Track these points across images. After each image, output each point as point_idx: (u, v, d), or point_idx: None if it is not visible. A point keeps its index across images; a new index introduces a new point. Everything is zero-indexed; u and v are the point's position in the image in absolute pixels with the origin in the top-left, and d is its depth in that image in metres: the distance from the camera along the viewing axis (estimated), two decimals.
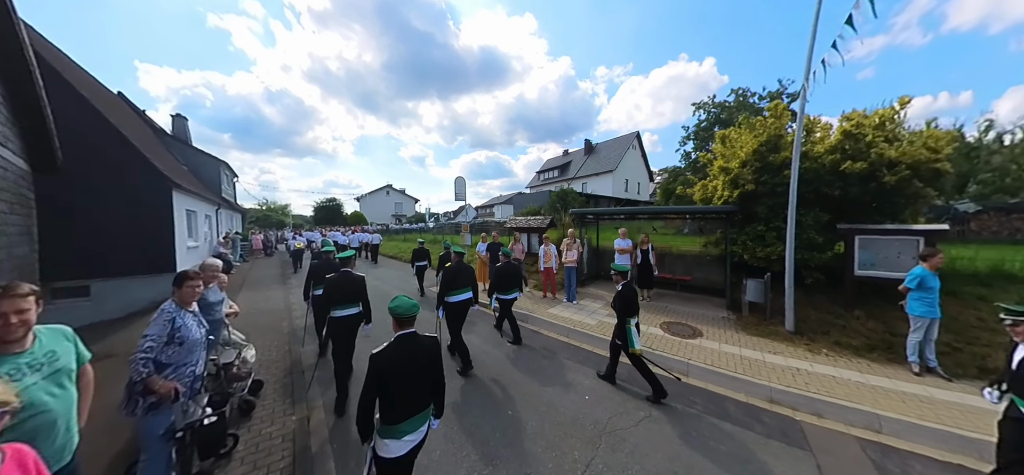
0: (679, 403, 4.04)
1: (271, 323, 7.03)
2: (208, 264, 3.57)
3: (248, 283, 11.29)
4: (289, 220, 39.47)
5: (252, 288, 10.54)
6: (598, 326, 6.56)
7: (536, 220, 11.67)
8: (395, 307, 2.26)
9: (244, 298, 9.02)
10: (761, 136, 7.75)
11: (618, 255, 8.49)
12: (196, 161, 17.63)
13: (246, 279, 12.00)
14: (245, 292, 9.89)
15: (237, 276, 12.41)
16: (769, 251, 6.90)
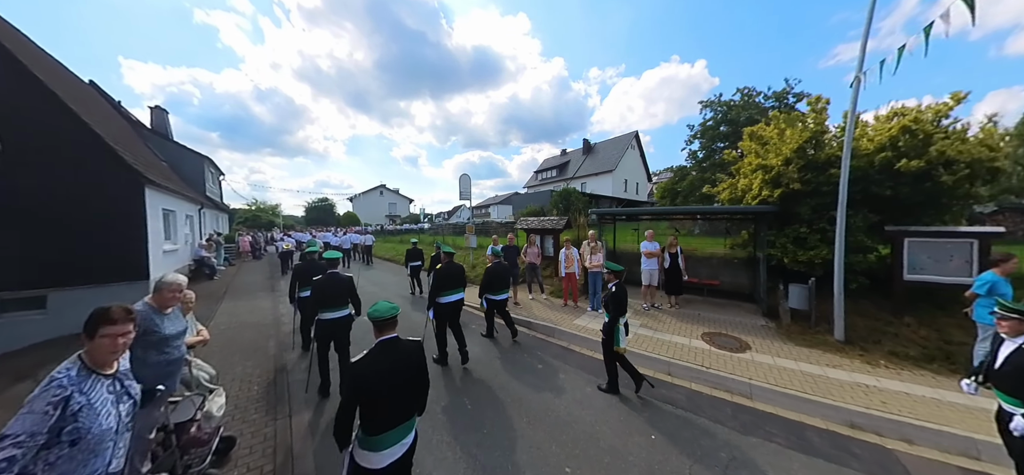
0: (756, 435, 3.53)
1: (255, 340, 6.04)
2: (165, 282, 2.64)
3: (232, 291, 10.24)
4: (279, 220, 38.05)
5: (236, 297, 9.50)
6: (635, 340, 5.73)
7: (550, 221, 10.80)
8: (373, 312, 2.14)
9: (226, 310, 8.02)
10: (804, 132, 7.13)
11: (645, 259, 7.66)
12: (178, 157, 16.43)
13: (230, 286, 10.93)
14: (228, 302, 8.86)
15: (219, 283, 11.32)
16: (812, 254, 6.45)
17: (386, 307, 2.17)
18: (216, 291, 10.03)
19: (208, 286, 10.76)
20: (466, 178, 12.43)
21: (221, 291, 10.06)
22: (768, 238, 7.08)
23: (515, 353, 5.51)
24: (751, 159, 8.44)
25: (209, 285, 10.91)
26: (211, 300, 9.00)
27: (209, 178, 18.77)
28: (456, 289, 4.92)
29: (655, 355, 5.21)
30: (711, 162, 23.00)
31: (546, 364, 5.12)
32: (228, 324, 6.87)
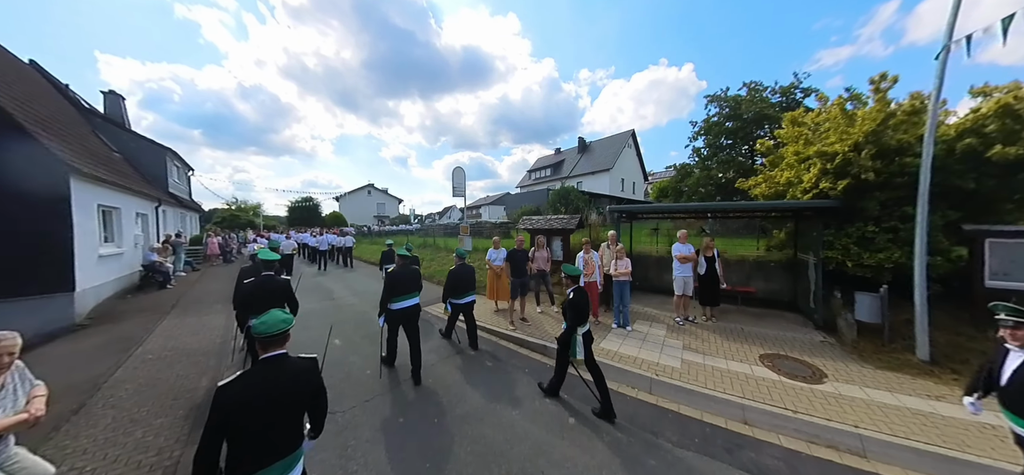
0: None
1: (184, 378, 4.50)
2: None
3: (184, 303, 8.62)
4: (260, 221, 35.89)
5: (185, 311, 7.91)
6: (686, 370, 4.56)
7: (560, 220, 9.49)
8: (259, 326, 1.78)
9: (164, 331, 6.45)
10: (879, 112, 6.06)
11: (678, 264, 6.48)
12: (135, 148, 14.61)
13: (183, 297, 9.29)
14: (172, 318, 7.28)
15: (171, 294, 9.67)
16: (881, 257, 5.63)
17: (276, 320, 1.83)
18: (162, 304, 8.41)
19: (156, 297, 9.11)
20: (460, 172, 11.08)
21: (169, 304, 8.43)
22: (827, 238, 6.14)
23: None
24: (795, 148, 7.49)
25: (158, 296, 9.26)
26: (151, 316, 7.41)
27: (173, 173, 16.92)
28: (409, 294, 4.49)
29: (722, 393, 4.05)
30: (719, 159, 22.26)
31: (581, 415, 3.80)
32: (159, 352, 5.35)
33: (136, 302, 8.60)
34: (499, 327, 6.39)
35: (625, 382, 4.48)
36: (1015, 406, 2.07)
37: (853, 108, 7.05)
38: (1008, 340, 2.16)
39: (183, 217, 18.31)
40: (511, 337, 6.05)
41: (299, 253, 18.27)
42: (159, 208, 12.96)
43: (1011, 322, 2.11)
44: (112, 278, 9.05)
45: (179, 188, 17.76)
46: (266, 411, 1.69)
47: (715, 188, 21.69)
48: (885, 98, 6.46)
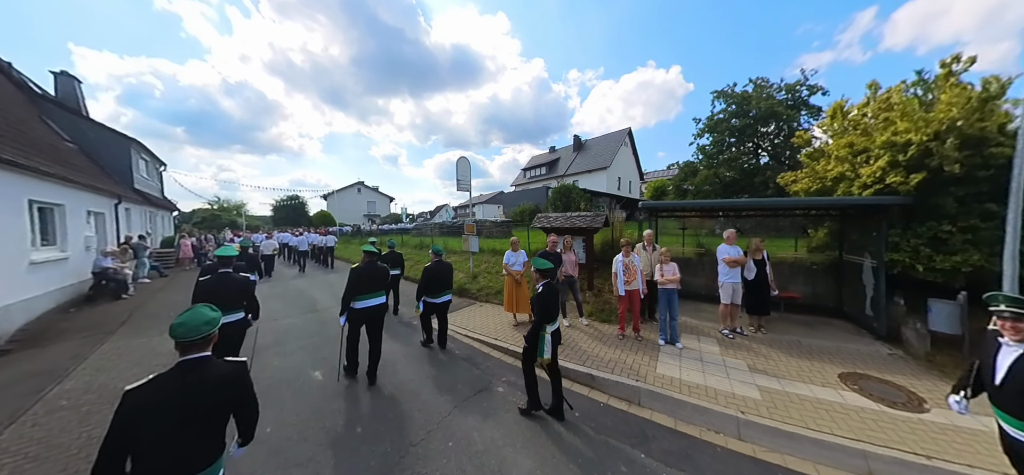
0: None
1: (92, 445, 3.15)
2: None
3: (137, 319, 7.15)
4: (243, 220, 33.85)
5: (135, 330, 6.47)
6: (769, 402, 3.73)
7: (582, 217, 8.33)
8: (175, 325, 1.58)
9: (99, 361, 5.04)
10: (961, 100, 5.36)
11: (725, 268, 5.58)
12: (94, 139, 12.89)
13: (139, 309, 7.81)
14: (117, 341, 5.85)
15: (126, 305, 8.17)
16: (957, 260, 5.08)
17: (199, 320, 1.60)
18: (111, 320, 6.94)
19: (107, 311, 7.61)
20: (465, 162, 9.85)
21: (119, 319, 6.96)
22: (892, 240, 5.62)
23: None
24: (849, 139, 6.77)
25: (109, 310, 7.75)
26: (92, 337, 5.98)
27: (140, 167, 15.18)
28: (374, 292, 4.25)
29: (831, 436, 3.17)
30: (725, 156, 21.60)
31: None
32: (79, 395, 3.98)
33: (80, 318, 7.11)
34: (515, 343, 5.28)
35: (706, 423, 3.50)
36: (1011, 407, 1.86)
37: (915, 94, 6.45)
38: (1006, 334, 1.92)
39: (152, 217, 16.56)
40: (564, 370, 4.91)
41: (281, 255, 16.90)
42: (119, 206, 11.34)
43: (1010, 314, 1.88)
44: (52, 288, 7.54)
45: (148, 184, 16.00)
46: (178, 421, 1.48)
47: (722, 187, 21.03)
48: (959, 83, 5.62)
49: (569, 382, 4.42)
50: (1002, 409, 1.90)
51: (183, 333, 1.56)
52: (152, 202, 15.82)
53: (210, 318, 1.64)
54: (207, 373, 1.59)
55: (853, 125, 7.26)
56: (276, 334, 6.13)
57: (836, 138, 7.38)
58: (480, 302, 8.30)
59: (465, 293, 8.99)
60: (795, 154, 22.02)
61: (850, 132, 7.07)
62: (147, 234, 14.91)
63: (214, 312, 1.68)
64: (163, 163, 18.17)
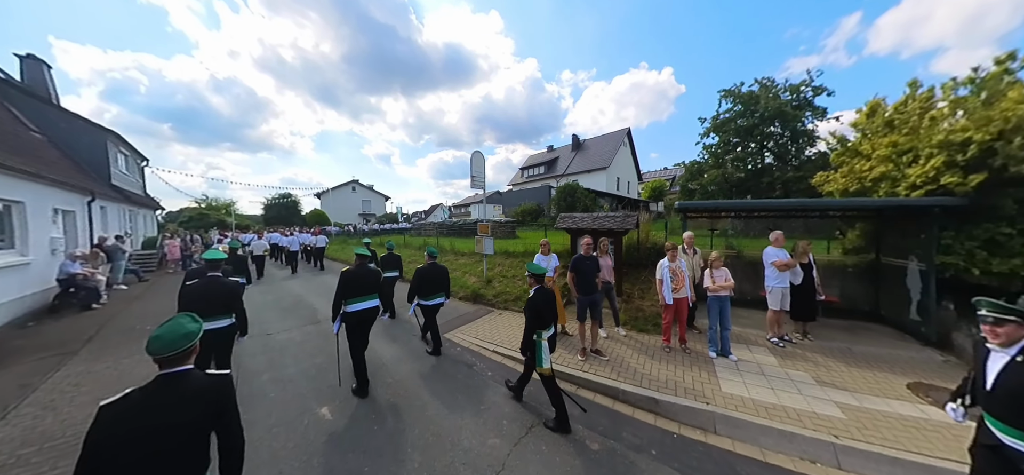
0: None
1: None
2: None
3: (106, 335, 6.13)
4: (232, 219, 32.37)
5: (101, 350, 5.47)
6: (855, 422, 3.36)
7: (612, 219, 7.59)
8: (152, 338, 1.48)
9: (50, 391, 4.07)
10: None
11: (774, 273, 5.16)
12: (66, 130, 11.70)
13: (108, 324, 6.75)
14: (76, 365, 4.85)
15: (95, 319, 7.10)
16: (1016, 263, 4.85)
17: (177, 334, 1.50)
18: (75, 336, 5.91)
19: (72, 325, 6.57)
20: (479, 157, 9.01)
21: (85, 335, 5.94)
22: (945, 242, 5.45)
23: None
24: (891, 139, 6.68)
25: (74, 323, 6.71)
26: (47, 358, 4.99)
27: (119, 161, 13.96)
28: (367, 295, 4.09)
29: (942, 460, 2.87)
30: (733, 156, 21.16)
31: None
32: (18, 445, 3.05)
33: (40, 333, 6.08)
34: (560, 363, 4.61)
35: (798, 451, 3.07)
36: (1001, 413, 1.82)
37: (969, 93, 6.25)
38: (990, 338, 1.93)
39: (133, 215, 15.31)
40: (569, 375, 4.36)
41: (273, 256, 15.85)
42: (93, 203, 10.20)
43: (991, 318, 1.89)
44: (8, 299, 6.51)
45: (127, 181, 14.76)
46: (156, 439, 1.37)
47: (730, 186, 20.64)
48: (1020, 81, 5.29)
49: (629, 407, 3.79)
50: (993, 415, 1.88)
51: (159, 347, 1.47)
52: (132, 200, 14.58)
53: (190, 330, 1.54)
54: (187, 386, 1.50)
55: (900, 124, 6.93)
56: (270, 353, 5.20)
57: (874, 137, 7.24)
58: (498, 310, 7.52)
59: (480, 299, 8.16)
60: (801, 153, 21.88)
61: (892, 131, 6.92)
62: (127, 234, 13.72)
63: (195, 323, 1.59)
64: (145, 158, 16.87)
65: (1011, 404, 1.79)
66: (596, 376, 4.26)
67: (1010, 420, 1.79)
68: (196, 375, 1.54)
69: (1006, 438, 1.80)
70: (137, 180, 16.40)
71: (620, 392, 3.98)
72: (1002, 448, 1.82)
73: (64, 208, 8.99)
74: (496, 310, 7.52)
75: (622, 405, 3.84)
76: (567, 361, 4.70)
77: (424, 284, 5.09)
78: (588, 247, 5.35)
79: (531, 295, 3.46)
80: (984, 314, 1.93)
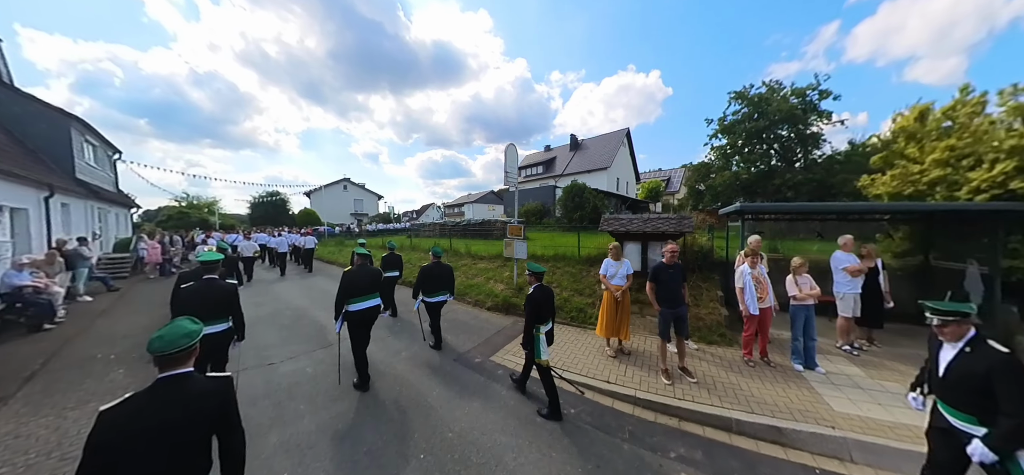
0: None
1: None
2: None
3: (55, 370, 4.69)
4: (216, 219, 30.18)
5: (44, 393, 4.07)
6: None
7: (667, 221, 6.66)
8: (153, 338, 1.47)
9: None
10: None
11: (845, 278, 4.95)
12: (20, 114, 9.95)
13: (62, 349, 5.29)
14: (6, 418, 3.49)
15: (44, 344, 5.61)
16: None
17: (178, 333, 1.49)
18: (14, 369, 4.43)
19: (11, 354, 5.03)
20: (513, 151, 7.94)
21: (27, 369, 4.47)
22: (1012, 246, 5.59)
23: None
24: (947, 144, 6.70)
25: (17, 350, 5.17)
26: None
27: (85, 152, 12.20)
28: (368, 295, 4.09)
29: None
30: (743, 156, 20.61)
31: None
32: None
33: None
34: (632, 385, 4.07)
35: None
36: (950, 398, 2.03)
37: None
38: (941, 337, 2.12)
39: (103, 214, 13.49)
40: (662, 404, 3.71)
41: (262, 259, 14.57)
42: (51, 199, 8.56)
43: (936, 320, 2.10)
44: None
45: (96, 175, 12.98)
46: (158, 443, 1.36)
47: (741, 187, 20.23)
48: None
49: (747, 439, 3.26)
50: (945, 401, 2.06)
51: (160, 347, 1.45)
52: (102, 196, 12.80)
53: (190, 330, 1.53)
54: (187, 389, 1.48)
55: (960, 129, 6.98)
56: (276, 395, 3.93)
57: (924, 141, 7.40)
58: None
59: (513, 309, 7.05)
60: (808, 155, 21.53)
61: (947, 136, 7.06)
62: (95, 236, 11.99)
63: (195, 324, 1.57)
64: (117, 150, 14.97)
65: (960, 390, 1.96)
66: (696, 404, 3.64)
67: (959, 405, 1.97)
68: (197, 378, 1.52)
69: (956, 421, 1.97)
70: (108, 174, 14.55)
71: (734, 422, 3.38)
72: (953, 431, 1.99)
73: (12, 205, 7.40)
74: None
75: (739, 438, 3.25)
76: (650, 385, 4.05)
77: (428, 281, 5.17)
78: (672, 255, 4.35)
79: (531, 292, 3.63)
80: (929, 317, 2.10)
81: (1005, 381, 1.78)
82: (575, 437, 3.19)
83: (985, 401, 1.85)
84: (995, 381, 1.80)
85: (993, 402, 1.81)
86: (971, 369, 1.91)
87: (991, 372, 1.83)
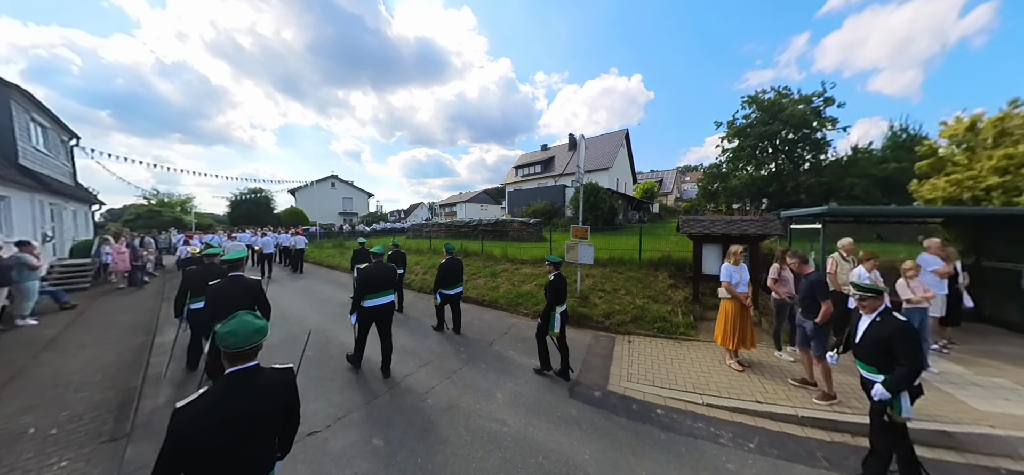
0: None
1: None
2: None
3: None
4: (191, 218, 27.17)
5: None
6: None
7: (751, 223, 6.21)
8: (225, 334, 1.47)
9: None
10: None
11: (933, 278, 4.69)
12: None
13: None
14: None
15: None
16: None
17: (251, 328, 1.50)
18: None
19: None
20: (582, 139, 6.62)
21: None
22: None
23: None
24: (1005, 152, 6.94)
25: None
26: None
27: (32, 134, 9.87)
28: (383, 292, 4.27)
29: None
30: (756, 159, 20.42)
31: None
32: None
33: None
34: (784, 401, 3.69)
35: None
36: (864, 356, 2.58)
37: None
38: (860, 309, 2.70)
39: (57, 212, 11.10)
40: (829, 421, 3.35)
41: (251, 261, 12.86)
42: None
43: (858, 295, 2.68)
44: None
45: (47, 163, 10.62)
46: (234, 434, 1.41)
47: (756, 189, 19.87)
48: None
49: (922, 448, 2.76)
50: (860, 359, 2.63)
51: (234, 343, 1.46)
52: (55, 190, 10.46)
53: (258, 326, 1.54)
54: (257, 382, 1.52)
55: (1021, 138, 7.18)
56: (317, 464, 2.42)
57: (976, 149, 7.78)
58: (624, 336, 5.68)
59: (585, 322, 6.12)
60: (816, 159, 21.33)
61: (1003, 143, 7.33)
62: (48, 237, 9.73)
63: (260, 320, 1.58)
64: (74, 135, 12.51)
65: (870, 350, 2.54)
66: (839, 411, 3.42)
67: (868, 360, 2.55)
68: (264, 370, 1.57)
69: (865, 373, 2.58)
70: (63, 164, 12.11)
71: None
72: (864, 381, 2.62)
73: None
74: (620, 336, 5.67)
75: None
76: (802, 401, 3.66)
77: (447, 276, 5.60)
78: (797, 263, 3.95)
79: (551, 279, 4.21)
80: (854, 293, 2.76)
81: (900, 341, 2.37)
82: None
83: (886, 358, 2.43)
84: (894, 342, 2.38)
85: (892, 359, 2.40)
86: (879, 334, 2.49)
87: (892, 335, 2.41)
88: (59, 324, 6.12)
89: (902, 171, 17.30)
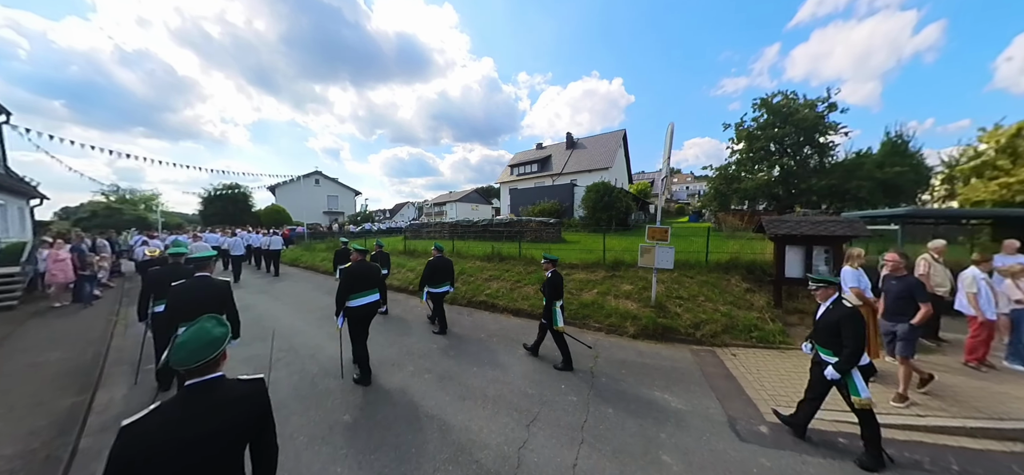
0: None
1: None
2: None
3: None
4: (157, 218, 24.06)
5: None
6: None
7: (838, 223, 5.86)
8: (177, 347, 1.27)
9: None
10: None
11: (1008, 280, 4.20)
12: None
13: None
14: None
15: None
16: None
17: (206, 339, 1.29)
18: None
19: None
20: (670, 129, 5.35)
21: None
22: None
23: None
24: None
25: None
26: None
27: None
28: (369, 290, 4.11)
29: None
30: (767, 160, 20.03)
31: None
32: None
33: None
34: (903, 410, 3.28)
35: None
36: (820, 339, 2.86)
37: None
38: (817, 299, 2.94)
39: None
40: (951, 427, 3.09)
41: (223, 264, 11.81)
42: None
43: (813, 286, 2.95)
44: None
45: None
46: (188, 455, 1.17)
47: (769, 191, 19.45)
48: None
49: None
50: (817, 342, 2.90)
51: (183, 358, 1.24)
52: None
53: (216, 336, 1.32)
54: (219, 395, 1.29)
55: None
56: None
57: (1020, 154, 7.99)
58: (720, 347, 4.97)
59: (670, 334, 5.30)
60: (823, 162, 21.09)
61: None
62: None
63: (221, 327, 1.37)
64: (4, 110, 10.03)
65: (824, 333, 2.79)
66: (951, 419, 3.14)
67: (823, 343, 2.81)
68: (228, 382, 1.35)
69: (822, 355, 2.83)
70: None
71: None
72: (820, 362, 2.84)
73: None
74: (719, 348, 4.97)
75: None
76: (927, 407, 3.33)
77: (434, 274, 5.52)
78: (895, 266, 3.80)
79: (548, 276, 4.32)
80: (810, 285, 2.99)
81: (847, 325, 2.63)
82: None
83: (837, 340, 2.68)
84: (842, 326, 2.65)
85: (841, 341, 2.65)
86: (830, 319, 2.76)
87: (841, 320, 2.68)
88: None
89: (900, 175, 17.20)
